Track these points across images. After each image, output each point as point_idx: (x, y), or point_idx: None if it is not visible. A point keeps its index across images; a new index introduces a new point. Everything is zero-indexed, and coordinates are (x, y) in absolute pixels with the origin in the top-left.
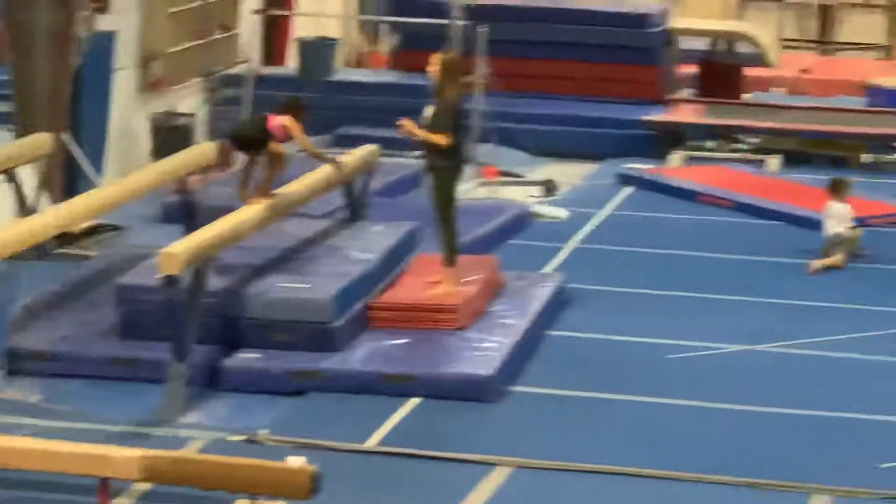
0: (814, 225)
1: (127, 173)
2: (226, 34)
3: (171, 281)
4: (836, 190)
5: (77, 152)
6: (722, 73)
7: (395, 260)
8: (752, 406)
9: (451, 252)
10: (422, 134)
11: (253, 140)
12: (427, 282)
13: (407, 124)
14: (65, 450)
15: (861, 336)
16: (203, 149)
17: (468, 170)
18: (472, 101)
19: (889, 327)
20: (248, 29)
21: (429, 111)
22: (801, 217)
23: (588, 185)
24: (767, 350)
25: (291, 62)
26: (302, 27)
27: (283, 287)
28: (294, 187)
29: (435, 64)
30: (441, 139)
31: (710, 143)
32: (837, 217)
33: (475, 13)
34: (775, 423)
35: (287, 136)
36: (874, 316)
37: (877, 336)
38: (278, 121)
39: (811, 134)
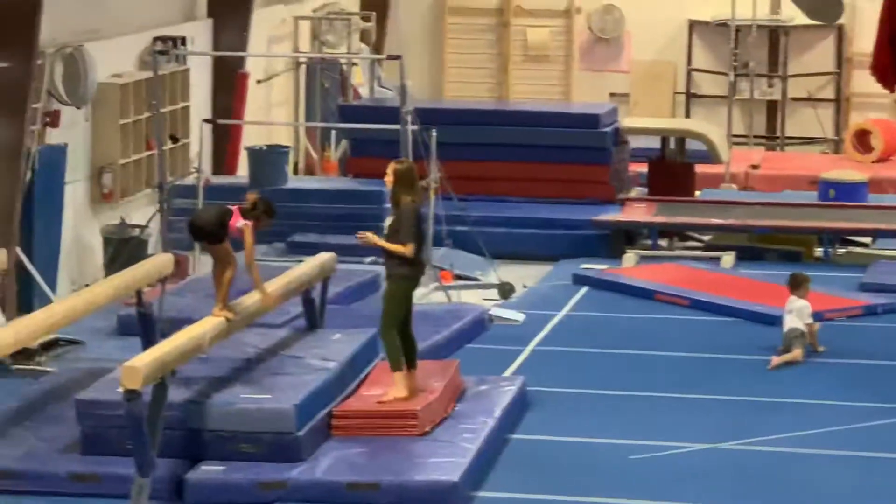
0: (770, 320)
1: (80, 286)
2: (176, 144)
3: (133, 395)
4: (797, 285)
5: (30, 267)
6: (673, 171)
7: (355, 368)
8: None
9: (395, 357)
10: (387, 245)
11: (208, 231)
12: (387, 389)
13: (369, 236)
14: None
15: (824, 431)
16: (157, 260)
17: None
18: (425, 205)
19: (851, 422)
20: (199, 139)
21: (389, 220)
22: (758, 313)
23: (543, 286)
24: (730, 448)
25: (243, 171)
26: (252, 136)
27: (245, 398)
28: (252, 298)
29: (390, 174)
30: (407, 250)
31: (662, 242)
32: (797, 312)
33: (425, 117)
34: None
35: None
36: (835, 410)
37: (839, 431)
38: (240, 223)
39: (763, 229)
